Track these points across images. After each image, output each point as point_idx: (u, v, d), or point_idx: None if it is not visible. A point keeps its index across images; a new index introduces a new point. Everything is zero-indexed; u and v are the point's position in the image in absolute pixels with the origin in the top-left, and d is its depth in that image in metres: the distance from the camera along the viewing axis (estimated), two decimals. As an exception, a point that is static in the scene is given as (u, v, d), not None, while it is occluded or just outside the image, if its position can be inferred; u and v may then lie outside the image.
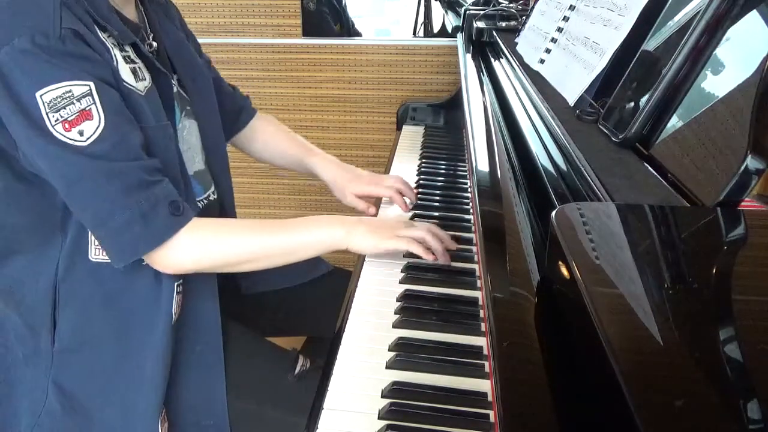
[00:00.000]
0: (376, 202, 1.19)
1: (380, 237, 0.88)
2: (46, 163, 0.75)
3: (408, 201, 1.14)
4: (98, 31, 0.78)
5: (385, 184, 1.14)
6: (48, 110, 0.72)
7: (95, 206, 0.76)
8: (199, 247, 0.82)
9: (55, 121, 0.72)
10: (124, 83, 0.80)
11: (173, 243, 0.80)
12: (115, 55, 0.80)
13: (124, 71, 0.80)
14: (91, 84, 0.74)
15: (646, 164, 0.63)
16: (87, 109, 0.73)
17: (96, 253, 0.85)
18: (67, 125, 0.73)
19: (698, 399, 0.32)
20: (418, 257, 0.92)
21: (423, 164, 1.43)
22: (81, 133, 0.74)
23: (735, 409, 0.32)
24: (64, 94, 0.72)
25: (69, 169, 0.75)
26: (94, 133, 0.74)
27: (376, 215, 1.11)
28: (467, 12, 1.71)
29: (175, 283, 0.87)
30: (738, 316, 0.40)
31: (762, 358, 0.36)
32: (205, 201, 1.02)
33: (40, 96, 0.72)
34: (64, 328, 0.87)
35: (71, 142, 0.73)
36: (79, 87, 0.73)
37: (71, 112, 0.73)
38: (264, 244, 0.86)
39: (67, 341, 0.87)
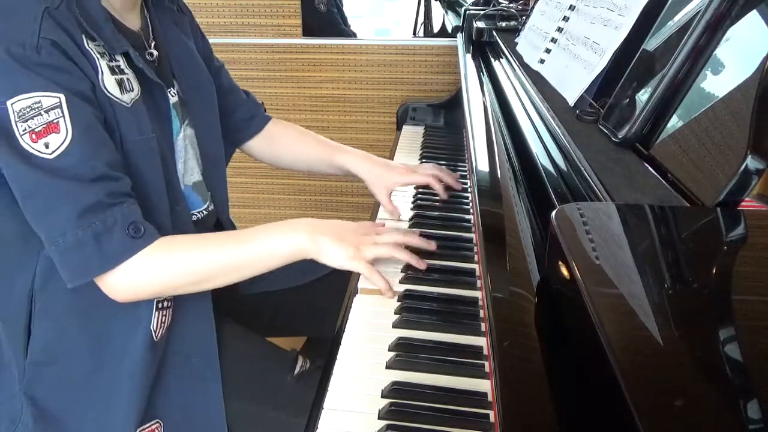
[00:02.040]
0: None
1: (347, 254, 0.85)
2: (8, 172, 0.75)
3: (451, 183, 1.15)
4: (86, 40, 0.77)
5: (422, 171, 1.14)
6: (17, 119, 0.71)
7: (47, 223, 0.75)
8: (155, 269, 0.79)
9: (23, 131, 0.72)
10: (109, 95, 0.79)
11: (127, 266, 0.77)
12: (100, 67, 0.78)
13: (110, 83, 0.79)
14: (62, 96, 0.73)
15: (646, 164, 0.63)
16: (54, 121, 0.72)
17: None
18: (34, 136, 0.72)
19: (698, 399, 0.32)
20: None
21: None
22: (47, 146, 0.72)
23: (735, 409, 0.32)
24: (33, 104, 0.72)
25: (26, 182, 0.74)
26: (60, 147, 0.73)
27: (398, 218, 1.11)
28: (467, 12, 1.71)
29: (155, 300, 0.86)
30: (738, 316, 0.40)
31: (762, 358, 0.36)
32: (205, 212, 1.01)
33: (11, 104, 0.71)
34: (38, 340, 0.85)
35: (37, 153, 0.72)
36: (48, 98, 0.72)
37: (39, 123, 0.72)
38: (221, 258, 0.83)
39: (40, 353, 0.85)
